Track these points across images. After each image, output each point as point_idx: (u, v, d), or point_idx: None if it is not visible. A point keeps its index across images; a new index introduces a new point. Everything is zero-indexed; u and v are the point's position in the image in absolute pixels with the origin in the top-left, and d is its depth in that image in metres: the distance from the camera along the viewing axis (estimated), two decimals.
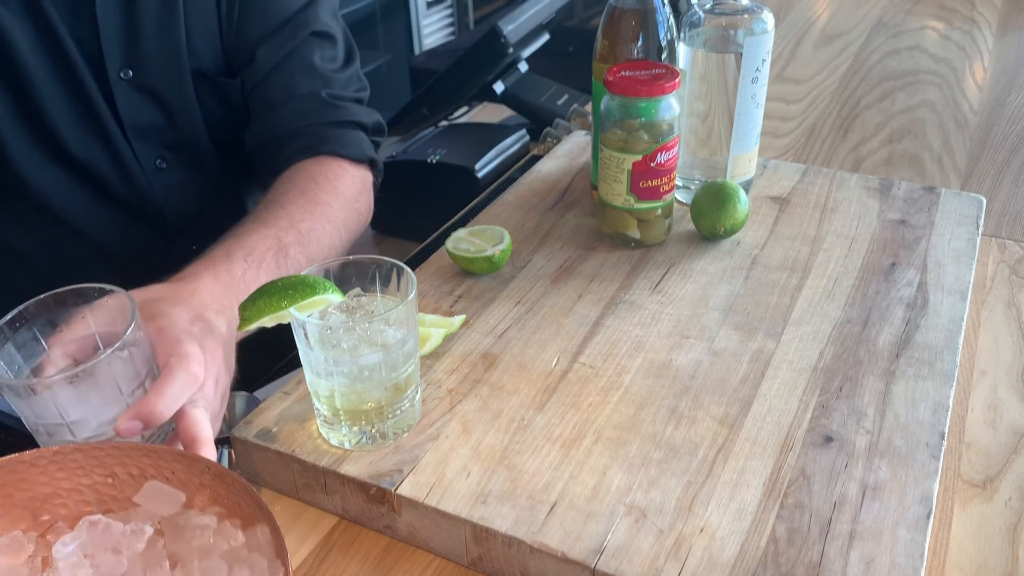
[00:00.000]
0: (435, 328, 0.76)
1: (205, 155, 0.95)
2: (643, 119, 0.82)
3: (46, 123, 0.84)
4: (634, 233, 0.88)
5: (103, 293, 0.62)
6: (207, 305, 0.69)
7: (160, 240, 0.95)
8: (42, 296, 0.62)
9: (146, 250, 0.94)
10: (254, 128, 0.95)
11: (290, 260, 0.80)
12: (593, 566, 0.57)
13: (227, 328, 0.68)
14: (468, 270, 0.85)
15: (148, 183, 0.91)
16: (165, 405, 0.59)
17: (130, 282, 0.81)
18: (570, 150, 1.10)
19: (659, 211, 0.87)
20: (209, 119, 0.94)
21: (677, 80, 0.81)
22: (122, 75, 0.86)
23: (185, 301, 0.67)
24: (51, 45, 0.83)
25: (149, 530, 0.57)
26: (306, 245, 0.82)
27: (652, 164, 0.83)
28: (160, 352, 0.62)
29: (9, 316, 0.60)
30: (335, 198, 0.89)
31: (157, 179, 0.91)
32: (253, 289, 0.74)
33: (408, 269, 0.65)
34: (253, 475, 0.69)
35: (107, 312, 0.62)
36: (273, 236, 0.80)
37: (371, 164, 0.98)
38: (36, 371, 0.61)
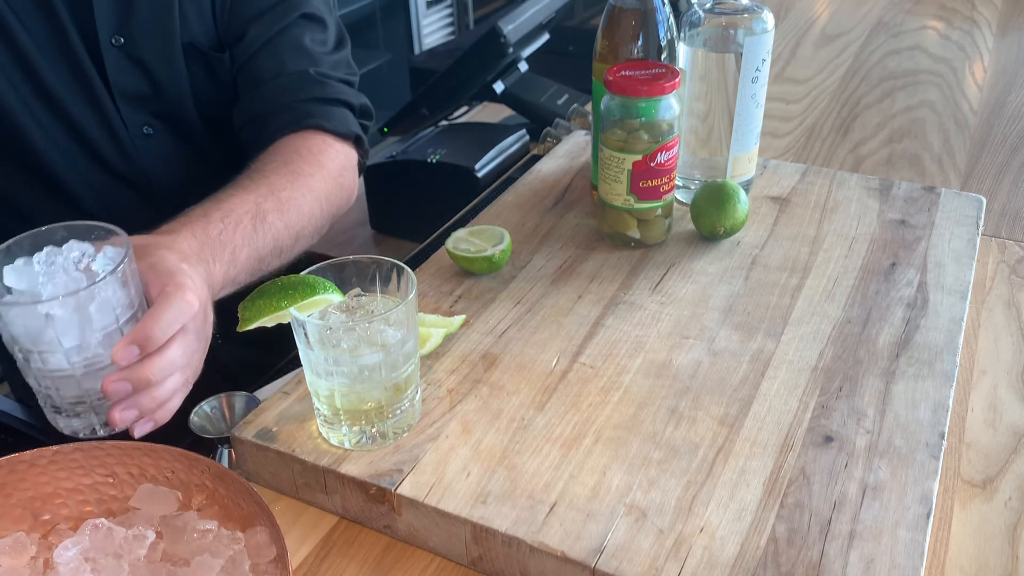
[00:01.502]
0: (435, 328, 0.76)
1: (191, 126, 0.96)
2: (643, 119, 0.82)
3: (44, 84, 0.86)
4: (634, 233, 0.88)
5: (92, 230, 0.64)
6: (187, 255, 0.70)
7: (147, 207, 0.96)
8: (32, 232, 0.63)
9: (133, 216, 0.93)
10: (242, 104, 0.96)
11: (267, 225, 0.81)
12: (593, 566, 0.57)
13: (202, 280, 0.70)
14: (468, 270, 0.85)
15: (135, 148, 0.93)
16: (161, 330, 0.60)
17: None
18: (570, 150, 1.10)
19: (659, 211, 0.87)
20: (198, 92, 0.95)
21: (677, 80, 0.81)
22: (113, 42, 0.88)
23: (168, 247, 0.69)
24: (43, 8, 0.84)
25: (151, 535, 0.57)
26: (285, 212, 0.83)
27: (652, 164, 0.83)
28: (153, 284, 0.63)
29: (3, 246, 0.62)
30: (318, 170, 0.89)
31: (144, 145, 0.93)
32: (227, 249, 0.75)
33: (408, 269, 0.65)
34: (253, 475, 0.69)
35: (97, 248, 0.64)
36: (252, 201, 0.81)
37: (357, 142, 0.98)
38: None
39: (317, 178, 0.89)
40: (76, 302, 0.59)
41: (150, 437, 0.63)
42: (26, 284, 0.61)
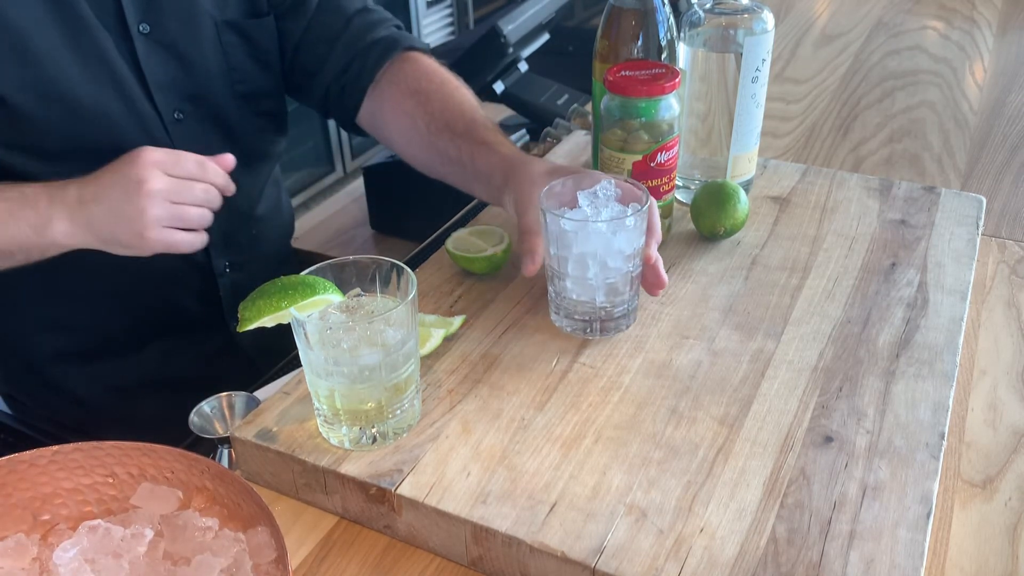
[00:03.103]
0: (435, 328, 0.76)
1: (221, 106, 0.98)
2: (643, 119, 0.82)
3: (64, 92, 0.86)
4: None
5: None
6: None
7: None
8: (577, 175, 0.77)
9: None
10: (330, 60, 1.00)
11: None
12: (593, 566, 0.57)
13: None
14: (468, 270, 0.85)
15: (168, 135, 0.94)
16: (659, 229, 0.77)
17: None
18: (570, 150, 1.10)
19: (659, 211, 0.87)
20: (233, 71, 0.97)
21: (677, 80, 0.81)
22: (140, 29, 0.89)
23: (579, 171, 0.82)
24: (66, 10, 0.84)
25: (149, 533, 0.57)
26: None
27: (652, 164, 0.83)
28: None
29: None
30: (446, 76, 1.01)
31: (175, 130, 0.94)
32: None
33: (408, 269, 0.65)
34: (253, 475, 0.69)
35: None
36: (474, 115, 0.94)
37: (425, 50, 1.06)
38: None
39: (455, 82, 1.00)
40: (636, 221, 0.72)
41: (149, 437, 0.63)
42: (591, 209, 0.74)
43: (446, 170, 0.93)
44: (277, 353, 0.87)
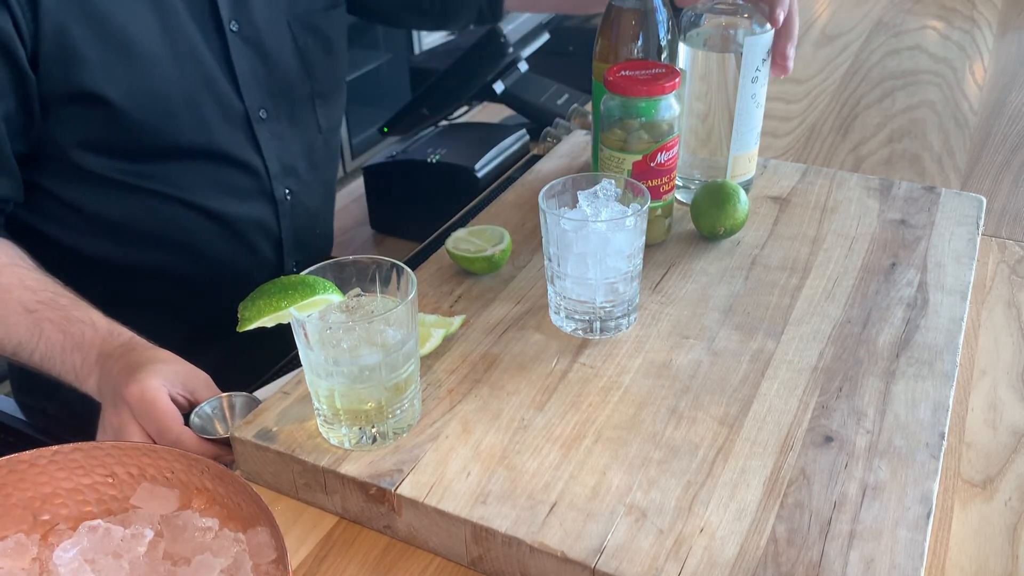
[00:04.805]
0: (435, 328, 0.76)
1: (300, 103, 1.01)
2: (643, 119, 0.82)
3: (161, 90, 0.88)
4: None
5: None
6: None
7: (262, 194, 1.00)
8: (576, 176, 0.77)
9: (250, 204, 0.99)
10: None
11: None
12: (593, 566, 0.57)
13: None
14: (468, 270, 0.85)
15: (252, 133, 0.96)
16: None
17: (233, 238, 0.98)
18: (570, 150, 1.10)
19: (659, 211, 0.87)
20: (309, 65, 1.01)
21: (677, 80, 0.81)
22: (232, 27, 0.92)
23: None
24: (161, 6, 0.87)
25: (149, 533, 0.57)
26: None
27: (652, 164, 0.83)
28: None
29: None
30: None
31: (260, 129, 0.97)
32: None
33: (408, 269, 0.65)
34: (253, 475, 0.69)
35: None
36: None
37: None
38: None
39: None
40: (635, 221, 0.72)
41: None
42: (591, 209, 0.74)
43: None
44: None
